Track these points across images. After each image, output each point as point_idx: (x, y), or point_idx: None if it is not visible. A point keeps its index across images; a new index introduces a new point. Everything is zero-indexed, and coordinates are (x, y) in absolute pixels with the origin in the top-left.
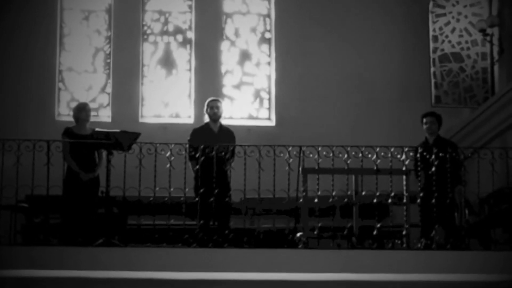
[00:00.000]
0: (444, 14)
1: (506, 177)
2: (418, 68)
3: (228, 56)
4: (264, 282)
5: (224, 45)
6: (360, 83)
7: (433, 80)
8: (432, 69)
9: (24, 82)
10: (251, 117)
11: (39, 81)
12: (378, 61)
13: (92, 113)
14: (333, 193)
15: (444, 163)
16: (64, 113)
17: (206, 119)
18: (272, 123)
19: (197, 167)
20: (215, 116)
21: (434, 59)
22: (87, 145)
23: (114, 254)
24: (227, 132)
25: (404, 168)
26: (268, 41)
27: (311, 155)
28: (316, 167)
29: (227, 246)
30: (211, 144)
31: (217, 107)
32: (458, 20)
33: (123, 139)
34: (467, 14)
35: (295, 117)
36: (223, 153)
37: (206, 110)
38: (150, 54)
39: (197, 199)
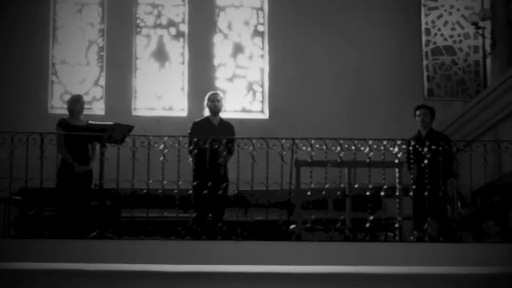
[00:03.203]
0: (437, 7)
1: (498, 170)
2: (410, 61)
3: (221, 49)
4: (257, 274)
5: (217, 38)
6: (353, 76)
7: (425, 73)
8: (424, 62)
9: (17, 75)
10: (244, 110)
11: (32, 74)
12: (371, 54)
13: (86, 106)
14: (326, 186)
15: (437, 156)
16: (57, 106)
17: (206, 112)
18: (265, 116)
19: (190, 159)
20: (215, 109)
21: (426, 52)
22: (81, 137)
23: (107, 246)
24: (227, 126)
25: (396, 161)
26: (261, 34)
27: (304, 148)
28: (309, 160)
29: (220, 238)
30: (208, 137)
31: (218, 100)
32: (450, 13)
33: (116, 132)
34: (460, 7)
35: (288, 110)
36: (216, 147)
37: (207, 103)
38: (143, 47)
39: (190, 191)
